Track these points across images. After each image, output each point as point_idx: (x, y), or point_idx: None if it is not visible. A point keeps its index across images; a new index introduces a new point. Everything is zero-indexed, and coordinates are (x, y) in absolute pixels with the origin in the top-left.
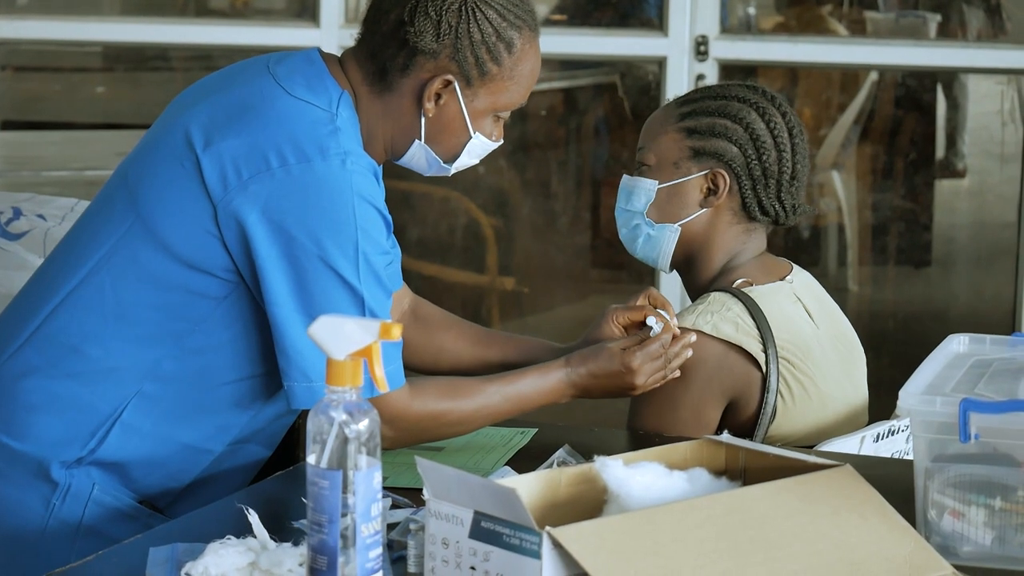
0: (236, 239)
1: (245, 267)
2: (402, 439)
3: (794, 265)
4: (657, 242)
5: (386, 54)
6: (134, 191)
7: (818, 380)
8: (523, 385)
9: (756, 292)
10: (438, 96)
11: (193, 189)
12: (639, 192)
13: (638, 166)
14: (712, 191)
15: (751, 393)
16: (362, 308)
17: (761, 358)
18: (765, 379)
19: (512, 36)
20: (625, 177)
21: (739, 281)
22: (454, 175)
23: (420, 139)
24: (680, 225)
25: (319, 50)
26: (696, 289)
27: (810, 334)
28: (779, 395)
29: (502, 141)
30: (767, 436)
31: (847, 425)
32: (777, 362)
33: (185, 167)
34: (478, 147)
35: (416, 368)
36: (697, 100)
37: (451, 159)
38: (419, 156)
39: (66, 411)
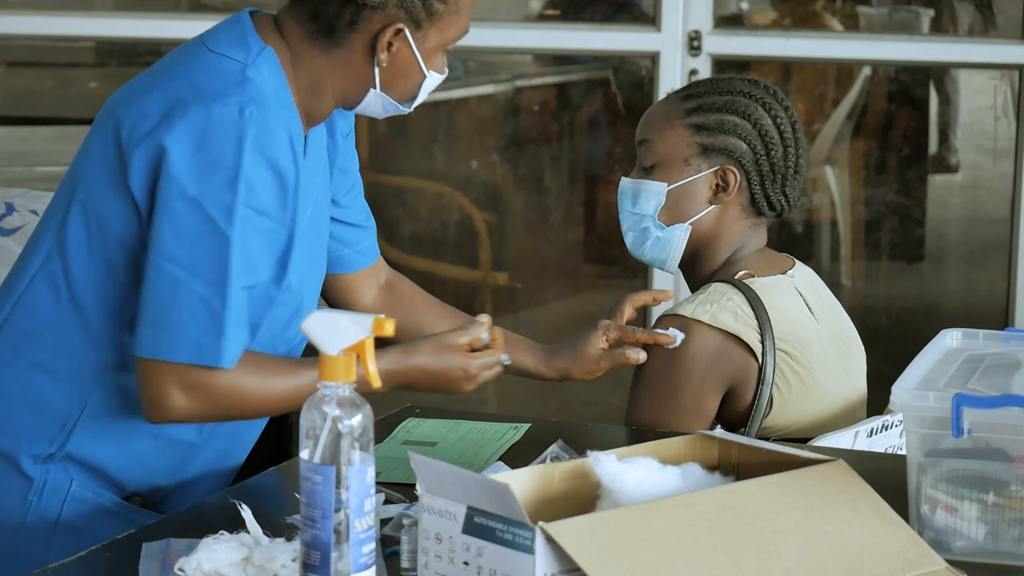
0: (142, 197)
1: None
2: (202, 411)
3: (796, 260)
4: (667, 243)
5: (330, 12)
6: (75, 169)
7: (816, 373)
8: None
9: (757, 284)
10: (390, 44)
11: (110, 153)
12: (647, 195)
13: (642, 163)
14: (722, 188)
15: (748, 383)
16: (227, 255)
17: (758, 349)
18: (761, 370)
19: None
20: (626, 180)
21: (741, 273)
22: (445, 171)
23: (376, 88)
24: (690, 224)
25: (252, 10)
26: (697, 282)
27: (809, 328)
28: (775, 386)
29: (448, 71)
30: (762, 427)
31: (844, 419)
32: (774, 353)
33: (106, 128)
34: (431, 84)
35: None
36: (701, 95)
37: (408, 100)
38: (375, 104)
39: (34, 403)
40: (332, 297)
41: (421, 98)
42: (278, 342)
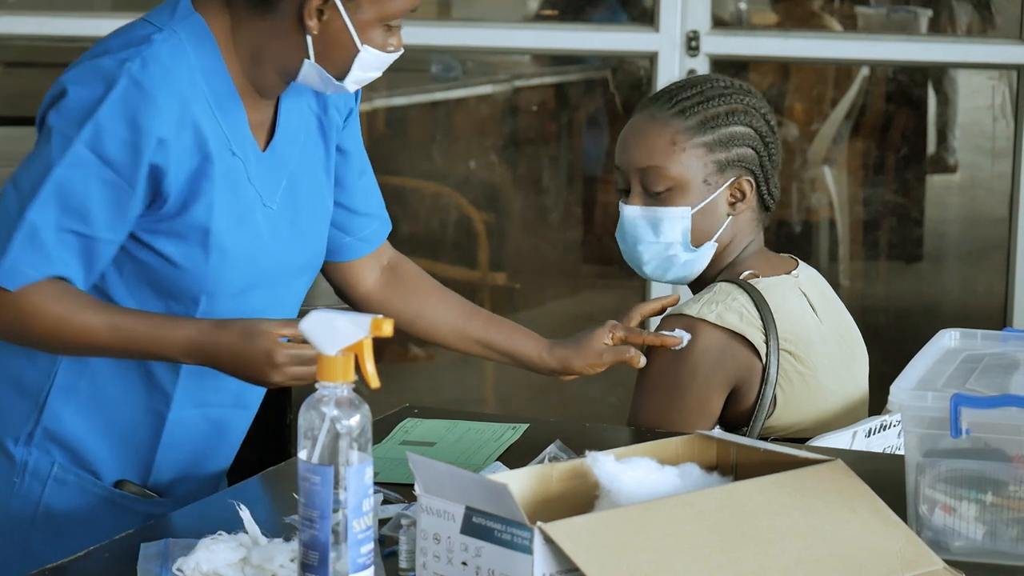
0: None
1: None
2: None
3: (799, 260)
4: (693, 264)
5: None
6: None
7: (819, 373)
8: (139, 325)
9: (762, 284)
10: (320, 12)
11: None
12: (670, 223)
13: (651, 188)
14: (739, 198)
15: (752, 383)
16: (43, 180)
17: (762, 349)
18: (765, 370)
19: None
20: (636, 209)
21: (746, 273)
22: (444, 171)
23: (309, 58)
24: (716, 240)
25: None
26: (701, 283)
27: (813, 328)
28: (779, 386)
29: (402, 50)
30: (765, 427)
31: (846, 419)
32: (778, 354)
33: None
34: (371, 61)
35: (397, 324)
36: (698, 109)
37: (343, 75)
38: (312, 75)
39: (11, 381)
40: (331, 278)
41: (358, 75)
42: (235, 314)
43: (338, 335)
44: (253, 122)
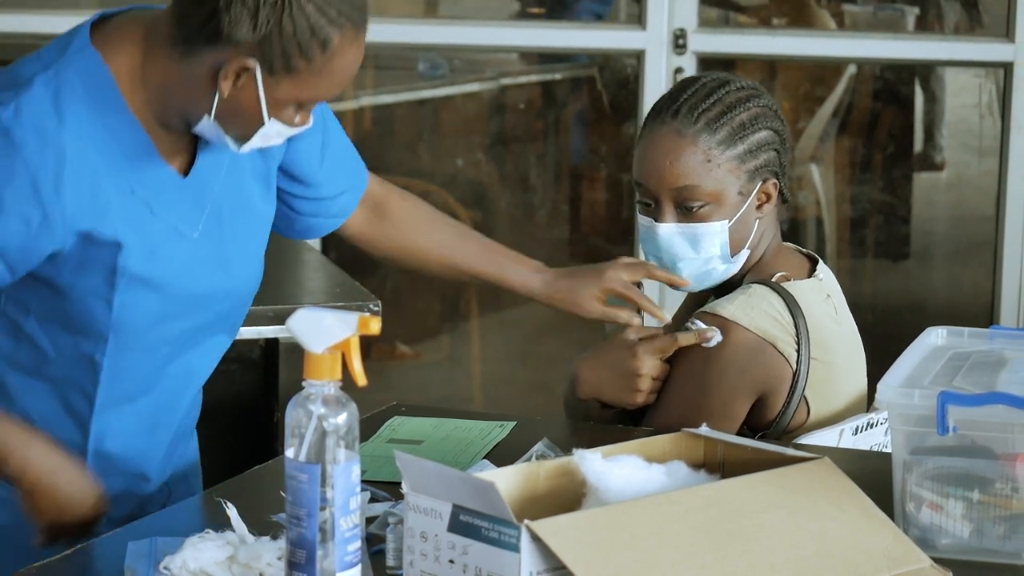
0: None
1: None
2: None
3: (816, 257)
4: (729, 272)
5: (193, 22)
6: None
7: (842, 379)
8: None
9: (795, 289)
10: (237, 76)
11: None
12: (709, 238)
13: (686, 205)
14: (766, 200)
15: (781, 390)
16: None
17: (793, 358)
18: (795, 377)
19: (330, 34)
20: (672, 227)
21: (778, 275)
22: (431, 170)
23: (210, 116)
24: (749, 246)
25: (108, 11)
26: (727, 284)
27: (836, 332)
28: (808, 394)
29: (309, 124)
30: (798, 433)
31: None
32: (808, 364)
33: None
34: (273, 133)
35: (385, 260)
36: (724, 120)
37: (242, 141)
38: (210, 131)
39: None
40: None
41: (257, 143)
42: (147, 344)
43: (325, 333)
44: (166, 151)
